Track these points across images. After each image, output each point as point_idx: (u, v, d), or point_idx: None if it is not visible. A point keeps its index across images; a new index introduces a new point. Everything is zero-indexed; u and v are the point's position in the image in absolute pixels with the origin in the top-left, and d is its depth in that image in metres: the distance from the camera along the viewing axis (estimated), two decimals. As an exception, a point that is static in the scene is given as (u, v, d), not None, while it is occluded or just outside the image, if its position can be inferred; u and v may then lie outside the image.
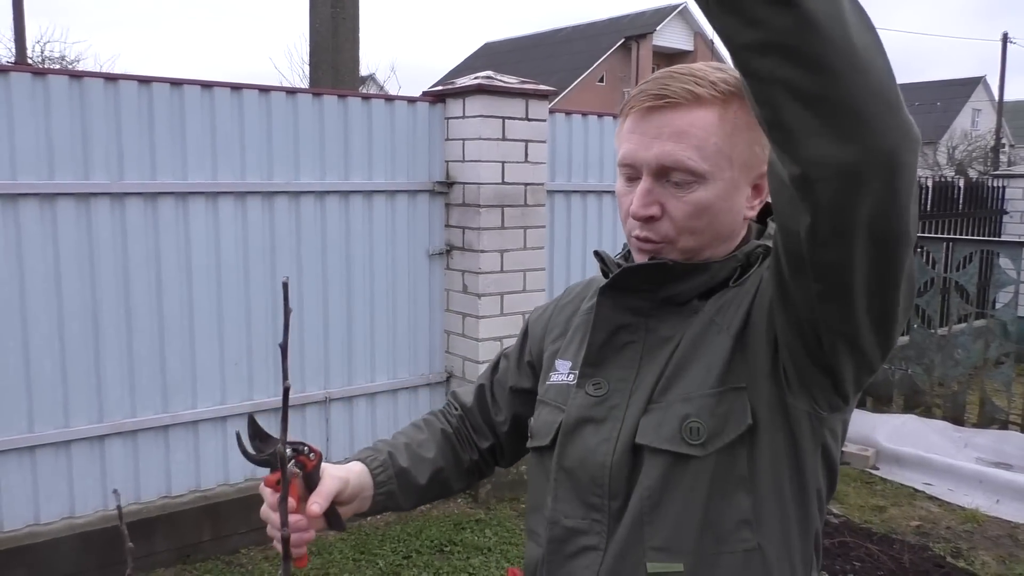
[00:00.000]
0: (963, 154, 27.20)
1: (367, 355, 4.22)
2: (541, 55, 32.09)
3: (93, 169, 3.38)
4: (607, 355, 1.11)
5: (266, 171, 3.81)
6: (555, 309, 1.31)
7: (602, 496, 1.07)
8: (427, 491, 1.30)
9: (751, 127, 1.02)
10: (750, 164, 1.06)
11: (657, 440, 1.02)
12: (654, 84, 1.04)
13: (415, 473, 1.27)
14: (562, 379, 1.18)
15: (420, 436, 1.33)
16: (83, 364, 3.44)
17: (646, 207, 1.04)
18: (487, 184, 4.17)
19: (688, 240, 1.06)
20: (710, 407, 1.01)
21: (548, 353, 1.25)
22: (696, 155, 1.02)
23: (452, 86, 4.27)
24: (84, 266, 3.40)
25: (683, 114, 1.02)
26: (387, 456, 1.27)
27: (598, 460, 1.07)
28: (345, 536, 3.96)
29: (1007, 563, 3.82)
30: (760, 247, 1.08)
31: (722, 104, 1.03)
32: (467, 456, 1.34)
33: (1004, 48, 26.57)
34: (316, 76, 8.48)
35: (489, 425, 1.36)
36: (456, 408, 1.39)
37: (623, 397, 1.08)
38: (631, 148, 1.05)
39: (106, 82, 3.40)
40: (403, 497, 1.27)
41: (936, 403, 5.91)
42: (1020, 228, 7.95)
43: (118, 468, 3.56)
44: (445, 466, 1.31)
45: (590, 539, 1.08)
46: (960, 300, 6.13)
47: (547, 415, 1.18)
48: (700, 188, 1.03)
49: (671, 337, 1.08)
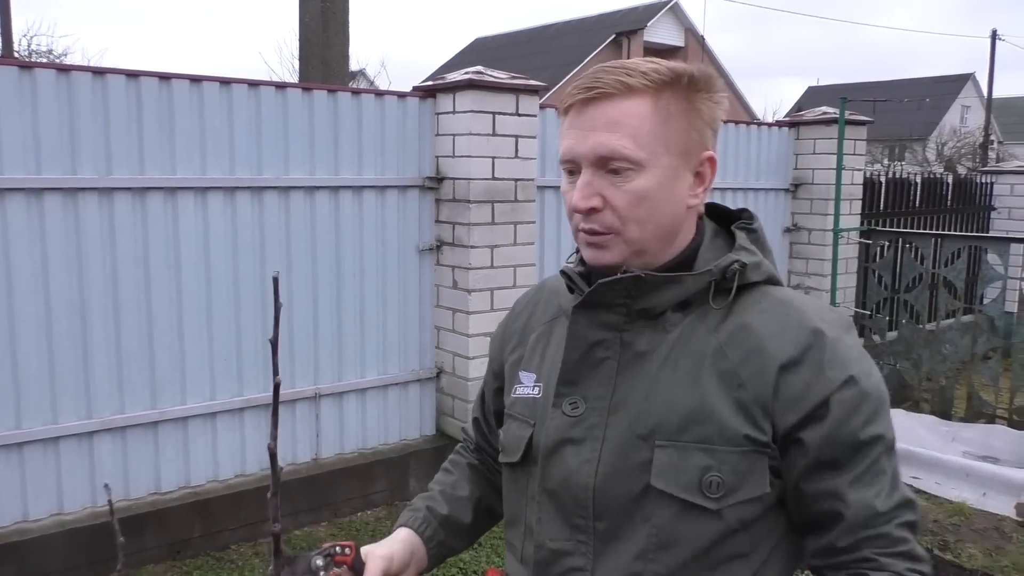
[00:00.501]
0: (952, 150, 27.32)
1: (357, 351, 4.22)
2: (532, 50, 32.04)
3: (81, 164, 3.36)
4: (583, 372, 1.10)
5: (255, 166, 3.80)
6: (510, 320, 1.32)
7: (586, 518, 1.07)
8: (475, 525, 1.35)
9: (685, 114, 1.05)
10: (688, 150, 1.06)
11: (675, 487, 1.02)
12: (587, 79, 1.06)
13: (458, 516, 1.32)
14: (528, 392, 1.18)
15: (451, 479, 1.37)
16: (71, 360, 3.42)
17: (587, 199, 1.05)
18: (477, 179, 4.17)
19: (633, 230, 1.05)
20: (732, 463, 1.02)
21: (509, 365, 1.25)
22: (631, 143, 1.03)
23: (442, 81, 4.26)
24: (72, 261, 3.38)
25: (616, 104, 1.03)
26: (426, 511, 1.31)
27: (581, 482, 1.07)
28: (335, 532, 3.96)
29: (993, 556, 3.85)
30: (736, 263, 1.07)
31: (654, 92, 1.04)
32: (498, 481, 1.32)
33: (993, 45, 26.70)
34: (306, 71, 8.45)
35: None
36: (471, 443, 1.42)
37: (601, 416, 1.08)
38: (569, 144, 1.06)
39: (94, 76, 3.38)
40: (456, 541, 1.32)
41: (924, 397, 5.94)
42: (1008, 224, 7.99)
43: (107, 465, 3.55)
44: (483, 495, 1.36)
45: (575, 560, 1.08)
46: (948, 295, 6.15)
47: (516, 430, 1.18)
48: (638, 176, 1.04)
49: (648, 353, 1.08)
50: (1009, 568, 3.72)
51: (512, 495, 1.20)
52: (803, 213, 6.21)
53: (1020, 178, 8.05)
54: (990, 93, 27.84)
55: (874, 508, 1.02)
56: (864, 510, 1.02)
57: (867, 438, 1.02)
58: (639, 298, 1.07)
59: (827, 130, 6.01)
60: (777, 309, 1.06)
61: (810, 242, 6.19)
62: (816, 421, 1.02)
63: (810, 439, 1.02)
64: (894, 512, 1.03)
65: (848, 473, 1.02)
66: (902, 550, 1.03)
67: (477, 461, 1.39)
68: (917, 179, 7.49)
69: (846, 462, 1.02)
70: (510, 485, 1.20)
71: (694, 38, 30.58)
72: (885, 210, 6.99)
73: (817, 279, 6.12)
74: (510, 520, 1.21)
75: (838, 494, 1.03)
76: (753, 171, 5.91)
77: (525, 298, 1.32)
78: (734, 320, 1.06)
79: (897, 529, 1.03)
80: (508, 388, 1.24)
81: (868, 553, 1.03)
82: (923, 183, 7.49)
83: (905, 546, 1.03)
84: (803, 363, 1.02)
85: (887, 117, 25.47)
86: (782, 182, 6.16)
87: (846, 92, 7.25)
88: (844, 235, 6.12)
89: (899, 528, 1.03)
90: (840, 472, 1.02)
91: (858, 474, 1.03)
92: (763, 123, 6.18)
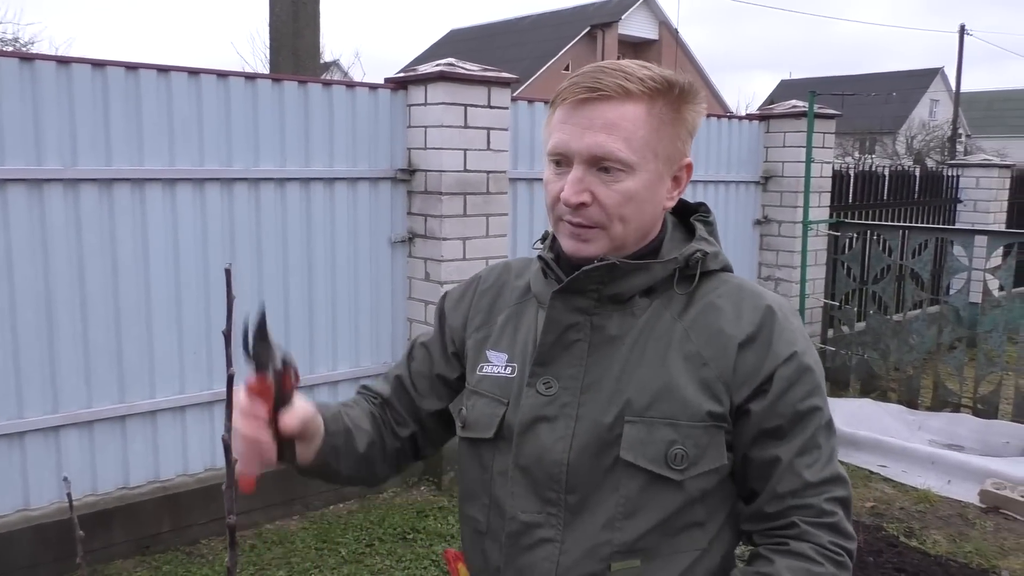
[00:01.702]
0: (921, 144, 27.68)
1: (329, 343, 4.20)
2: (507, 43, 31.99)
3: (45, 154, 3.31)
4: (556, 353, 1.16)
5: (225, 157, 3.76)
6: (473, 296, 1.32)
7: (558, 491, 1.13)
8: (361, 463, 1.26)
9: (673, 123, 1.12)
10: (672, 157, 1.14)
11: (643, 460, 1.09)
12: (587, 77, 1.10)
13: (356, 439, 1.24)
14: (498, 371, 1.22)
15: (353, 410, 1.29)
16: (36, 354, 3.38)
17: (578, 194, 1.10)
18: (449, 172, 4.16)
19: (617, 227, 1.12)
20: (695, 437, 1.10)
21: (473, 341, 1.28)
22: (625, 146, 1.08)
23: (414, 73, 4.24)
24: (37, 253, 3.33)
25: (614, 107, 1.08)
26: (337, 411, 1.25)
27: (554, 458, 1.13)
28: (307, 525, 3.95)
29: (957, 541, 3.92)
30: (698, 252, 1.16)
31: (649, 99, 1.10)
32: (389, 441, 1.32)
33: (961, 40, 27.06)
34: (276, 61, 8.37)
35: (412, 414, 1.34)
36: (375, 398, 1.36)
37: (573, 395, 1.14)
38: (563, 138, 1.10)
39: (58, 65, 3.32)
40: (343, 459, 1.23)
41: (892, 387, 6.04)
42: (973, 216, 8.13)
43: (74, 459, 3.51)
44: (376, 441, 1.29)
45: (546, 532, 1.14)
46: (915, 287, 6.25)
47: (485, 407, 1.21)
48: (628, 178, 1.10)
49: (619, 337, 1.15)
50: (972, 554, 3.79)
51: (473, 470, 1.23)
52: (773, 205, 6.27)
53: (985, 171, 8.19)
54: (958, 87, 28.22)
55: (804, 478, 1.10)
56: (794, 479, 1.10)
57: (805, 409, 1.11)
58: (611, 284, 1.14)
59: (797, 123, 6.07)
60: (734, 293, 1.16)
61: (780, 234, 6.25)
62: (763, 393, 1.11)
63: (756, 409, 1.11)
64: (824, 486, 1.10)
65: (787, 443, 1.11)
66: (828, 522, 1.09)
67: (377, 414, 1.33)
68: (885, 172, 7.59)
69: (787, 432, 1.11)
70: (472, 461, 1.23)
71: (668, 31, 30.69)
72: (854, 202, 7.08)
73: (787, 270, 6.19)
74: (469, 494, 1.24)
75: (776, 462, 1.10)
76: (724, 164, 5.96)
77: (491, 276, 1.34)
78: (696, 306, 1.15)
79: (827, 503, 1.10)
80: (472, 365, 1.26)
81: (794, 520, 1.09)
82: (891, 176, 7.59)
83: (832, 518, 1.10)
84: (757, 339, 1.12)
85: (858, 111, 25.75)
86: (753, 175, 6.21)
87: (818, 86, 7.32)
88: (813, 227, 6.19)
89: (828, 502, 1.10)
90: (780, 442, 1.11)
91: (795, 444, 1.11)
92: (734, 116, 6.22)
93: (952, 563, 3.70)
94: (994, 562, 3.72)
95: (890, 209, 7.49)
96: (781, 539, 1.10)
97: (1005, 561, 3.74)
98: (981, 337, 5.63)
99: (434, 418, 1.33)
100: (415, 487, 4.43)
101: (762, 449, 1.11)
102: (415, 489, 4.40)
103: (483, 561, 1.21)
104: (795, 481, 1.09)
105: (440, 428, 1.35)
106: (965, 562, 3.72)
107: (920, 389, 5.86)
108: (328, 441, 1.19)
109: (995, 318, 5.54)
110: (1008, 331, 5.50)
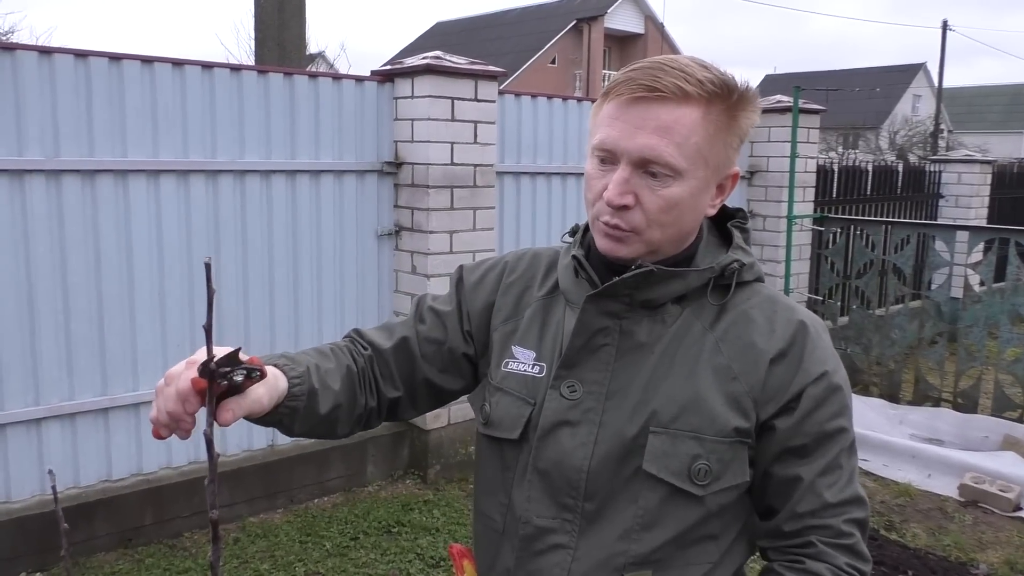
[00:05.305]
0: (904, 139, 27.87)
1: (315, 337, 4.18)
2: (493, 36, 31.92)
3: (27, 145, 3.28)
4: (583, 357, 1.13)
5: (209, 149, 3.73)
6: (499, 284, 1.27)
7: (576, 498, 1.10)
8: (320, 423, 1.16)
9: (727, 130, 1.07)
10: (721, 166, 1.10)
11: (665, 472, 1.07)
12: (644, 74, 1.03)
13: (320, 401, 1.14)
14: (525, 369, 1.18)
15: (328, 364, 1.18)
16: (17, 345, 3.35)
17: (622, 196, 1.05)
18: (436, 165, 4.15)
19: (655, 232, 1.07)
20: (720, 452, 1.07)
21: (499, 335, 1.23)
22: (677, 152, 1.03)
23: (400, 66, 4.22)
24: (18, 244, 3.30)
25: (670, 109, 1.03)
26: (305, 371, 1.13)
27: (575, 464, 1.10)
28: (291, 519, 3.94)
29: (936, 535, 3.97)
30: (736, 262, 1.12)
31: (706, 104, 1.04)
32: (363, 400, 1.22)
33: (944, 35, 27.24)
34: (262, 53, 8.32)
35: (407, 378, 1.26)
36: (365, 348, 1.26)
37: (597, 401, 1.11)
38: (613, 135, 1.05)
39: (40, 55, 3.29)
40: (300, 420, 1.13)
41: (874, 381, 6.10)
42: (955, 212, 8.19)
43: (56, 452, 3.48)
44: (344, 404, 1.18)
45: (559, 538, 1.11)
46: (897, 281, 6.31)
47: (510, 406, 1.17)
48: (675, 184, 1.05)
49: (647, 344, 1.11)
50: (951, 547, 3.84)
51: (493, 468, 1.20)
52: (758, 200, 6.30)
53: (967, 167, 8.25)
54: (940, 83, 28.42)
55: (824, 499, 1.07)
56: (815, 499, 1.08)
57: (831, 430, 1.09)
58: (644, 289, 1.11)
59: (781, 118, 6.09)
60: (767, 306, 1.13)
61: (765, 228, 6.28)
62: (789, 411, 1.08)
63: (781, 426, 1.08)
64: (844, 507, 1.08)
65: (810, 463, 1.08)
66: (846, 543, 1.07)
67: (357, 370, 1.22)
68: (869, 167, 7.64)
69: (811, 451, 1.08)
70: (493, 458, 1.20)
71: (654, 26, 30.71)
72: (838, 197, 7.12)
73: (771, 265, 6.22)
74: (487, 489, 1.22)
75: (797, 481, 1.08)
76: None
77: (519, 266, 1.28)
78: (728, 317, 1.12)
79: (845, 524, 1.08)
80: (497, 359, 1.22)
81: (811, 539, 1.07)
82: (874, 171, 7.64)
83: (849, 540, 1.08)
84: (788, 355, 1.09)
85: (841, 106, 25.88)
86: (738, 169, 6.21)
87: (802, 81, 7.35)
88: (798, 222, 6.22)
89: (847, 523, 1.08)
90: (803, 461, 1.08)
91: (818, 464, 1.08)
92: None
93: (931, 556, 3.75)
94: (972, 555, 3.77)
95: (873, 204, 7.54)
96: (797, 557, 1.08)
97: (983, 554, 3.79)
98: (962, 332, 5.69)
99: (427, 386, 1.27)
100: (400, 480, 4.43)
101: (784, 467, 1.09)
102: (400, 483, 4.40)
103: (493, 561, 1.19)
104: (815, 501, 1.07)
105: (429, 398, 1.29)
106: (944, 555, 3.76)
107: (901, 383, 5.92)
108: (287, 403, 1.09)
109: (976, 313, 5.59)
110: (988, 326, 5.56)
